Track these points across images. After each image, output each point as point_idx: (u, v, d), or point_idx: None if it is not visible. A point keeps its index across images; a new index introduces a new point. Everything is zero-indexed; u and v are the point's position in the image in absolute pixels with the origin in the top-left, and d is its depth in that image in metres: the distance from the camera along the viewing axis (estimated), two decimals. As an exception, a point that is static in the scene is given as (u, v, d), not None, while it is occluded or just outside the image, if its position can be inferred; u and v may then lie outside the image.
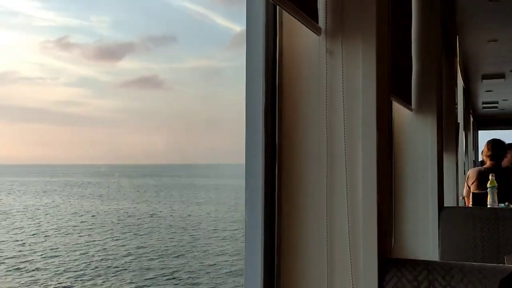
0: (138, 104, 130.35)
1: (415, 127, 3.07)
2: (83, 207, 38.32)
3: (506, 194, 4.46)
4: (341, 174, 1.64)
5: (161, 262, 20.98)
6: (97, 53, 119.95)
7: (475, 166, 7.45)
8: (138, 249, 23.55)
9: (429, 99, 3.07)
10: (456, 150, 4.94)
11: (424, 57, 3.11)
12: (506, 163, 5.40)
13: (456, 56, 5.30)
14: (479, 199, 4.91)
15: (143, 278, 18.55)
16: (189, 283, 18.03)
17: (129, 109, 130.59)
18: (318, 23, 1.69)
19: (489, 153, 4.91)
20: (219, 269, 19.37)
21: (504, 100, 12.00)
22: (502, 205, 4.21)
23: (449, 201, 4.28)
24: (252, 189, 1.67)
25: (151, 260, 21.25)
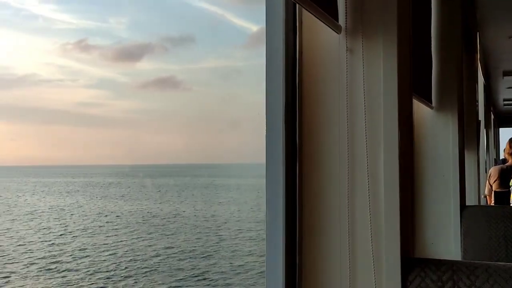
0: (157, 105, 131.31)
1: (435, 125, 3.04)
2: (107, 207, 38.66)
3: None
4: (362, 173, 1.63)
5: (190, 262, 21.03)
6: (115, 54, 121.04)
7: (497, 164, 7.30)
8: (166, 249, 23.67)
9: (449, 97, 3.05)
10: (477, 148, 4.90)
11: (444, 53, 3.08)
12: None
13: (477, 53, 5.23)
14: (501, 197, 4.83)
15: (174, 279, 18.63)
16: (220, 284, 18.00)
17: (147, 109, 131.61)
18: (338, 21, 1.68)
19: (511, 150, 4.79)
20: (249, 270, 19.33)
21: (526, 97, 11.74)
22: None
23: (470, 200, 4.21)
24: (273, 188, 1.67)
25: (180, 261, 21.33)
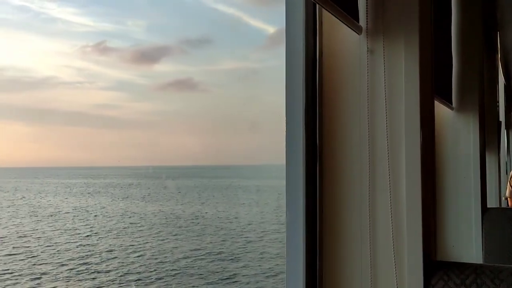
0: (174, 107, 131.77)
1: (455, 126, 2.99)
2: (130, 209, 38.78)
3: None
4: (383, 175, 1.62)
5: (219, 265, 20.91)
6: (134, 56, 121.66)
7: (517, 166, 7.16)
8: (193, 251, 23.58)
9: (470, 98, 2.99)
10: (498, 149, 4.80)
11: (464, 54, 3.03)
12: None
13: (497, 53, 5.08)
14: (523, 200, 4.66)
15: (204, 282, 18.50)
16: (252, 288, 17.87)
17: (165, 111, 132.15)
18: (359, 22, 1.67)
19: None
20: (279, 273, 19.16)
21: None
22: None
23: (491, 202, 4.10)
24: (293, 190, 1.67)
25: (209, 263, 21.21)
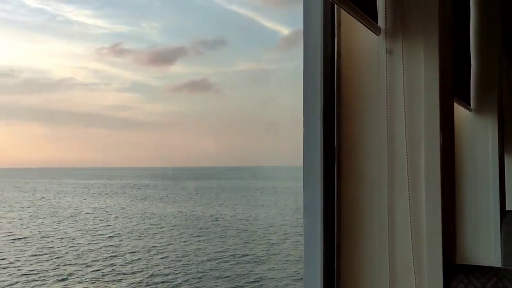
0: (189, 108, 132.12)
1: (474, 127, 2.95)
2: (149, 210, 38.76)
3: None
4: (402, 178, 1.60)
5: (244, 267, 20.70)
6: (149, 58, 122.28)
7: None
8: (216, 253, 23.41)
9: (489, 99, 2.95)
10: None
11: (483, 54, 2.98)
12: None
13: None
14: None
15: (233, 285, 18.28)
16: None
17: (179, 112, 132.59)
18: (377, 23, 1.66)
19: None
20: (307, 276, 18.85)
21: None
22: None
23: (510, 205, 4.03)
24: (311, 192, 1.66)
25: (234, 266, 21.01)
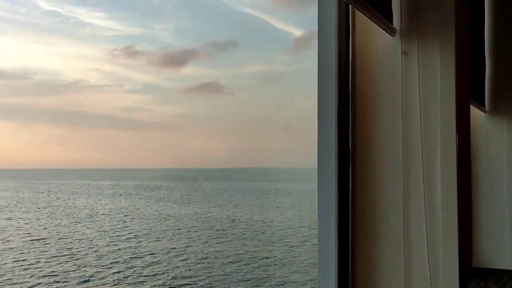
0: (201, 110, 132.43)
1: (489, 129, 2.90)
2: (165, 211, 38.70)
3: None
4: (418, 180, 1.59)
5: (266, 270, 20.47)
6: (162, 60, 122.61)
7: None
8: (236, 255, 23.22)
9: (504, 100, 2.91)
10: None
11: (498, 55, 2.93)
12: None
13: None
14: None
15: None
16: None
17: (191, 114, 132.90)
18: (393, 23, 1.66)
19: None
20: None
21: None
22: None
23: None
24: (325, 194, 1.65)
25: (256, 268, 20.78)
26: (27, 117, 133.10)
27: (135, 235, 28.50)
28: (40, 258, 22.48)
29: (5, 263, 21.42)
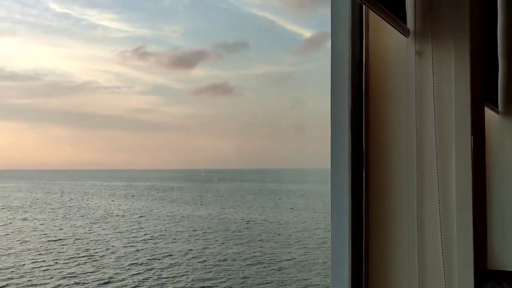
0: (210, 111, 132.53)
1: (502, 130, 2.88)
2: (178, 212, 38.62)
3: None
4: (432, 181, 1.57)
5: (287, 273, 20.24)
6: (172, 61, 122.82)
7: None
8: (255, 258, 23.02)
9: None
10: None
11: (511, 57, 2.92)
12: None
13: None
14: None
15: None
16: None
17: (201, 115, 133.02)
18: (406, 24, 1.65)
19: None
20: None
21: None
22: None
23: None
24: (338, 195, 1.65)
25: (275, 271, 20.56)
26: (38, 118, 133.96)
27: (151, 236, 28.40)
28: (58, 259, 22.43)
29: (23, 264, 21.39)
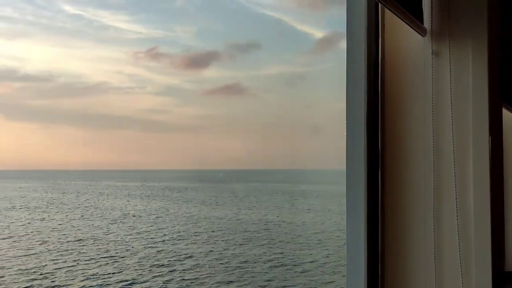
0: (223, 111, 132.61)
1: None
2: (195, 213, 38.46)
3: None
4: (449, 182, 1.54)
5: (314, 276, 19.91)
6: (184, 62, 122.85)
7: None
8: (277, 259, 22.75)
9: None
10: None
11: None
12: None
13: None
14: None
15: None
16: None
17: (213, 116, 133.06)
18: (423, 23, 1.62)
19: None
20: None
21: None
22: None
23: None
24: (354, 196, 1.63)
25: (299, 274, 20.27)
26: (51, 119, 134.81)
27: (170, 238, 28.22)
28: (79, 260, 22.33)
29: (45, 265, 21.30)
